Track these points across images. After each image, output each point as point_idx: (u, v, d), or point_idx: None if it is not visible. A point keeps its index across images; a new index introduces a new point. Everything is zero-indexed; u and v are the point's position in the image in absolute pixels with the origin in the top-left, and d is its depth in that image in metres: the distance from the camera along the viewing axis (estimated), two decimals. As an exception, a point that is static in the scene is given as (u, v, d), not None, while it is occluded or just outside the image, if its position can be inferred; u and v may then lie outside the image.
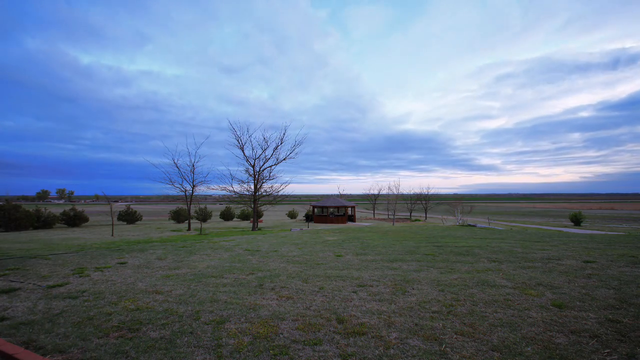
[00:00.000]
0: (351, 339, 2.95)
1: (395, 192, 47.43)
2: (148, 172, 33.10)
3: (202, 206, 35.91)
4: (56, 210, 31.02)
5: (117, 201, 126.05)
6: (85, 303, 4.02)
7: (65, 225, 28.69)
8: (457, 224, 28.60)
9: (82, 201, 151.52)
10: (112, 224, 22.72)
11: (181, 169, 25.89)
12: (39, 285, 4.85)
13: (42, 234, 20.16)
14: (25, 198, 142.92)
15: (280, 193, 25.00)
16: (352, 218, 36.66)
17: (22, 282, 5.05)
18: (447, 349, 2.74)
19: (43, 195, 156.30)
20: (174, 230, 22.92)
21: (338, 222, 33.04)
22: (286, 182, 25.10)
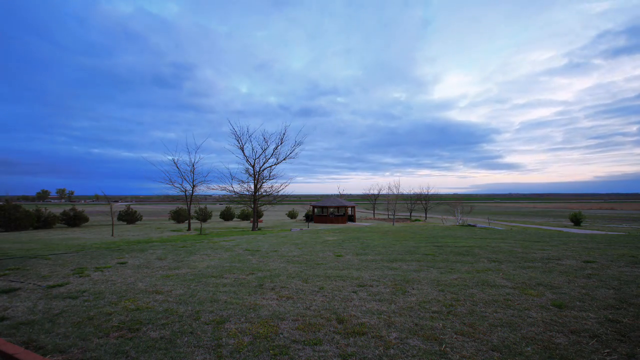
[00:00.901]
0: (351, 339, 2.95)
1: (395, 192, 47.49)
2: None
3: (202, 206, 35.92)
4: (56, 210, 31.02)
5: (117, 201, 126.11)
6: (85, 303, 4.02)
7: (65, 225, 28.69)
8: (457, 224, 28.60)
9: (82, 201, 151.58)
10: (112, 224, 22.72)
11: (181, 169, 25.91)
12: (39, 285, 4.85)
13: (42, 234, 20.16)
14: (25, 198, 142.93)
15: (280, 193, 25.02)
16: (352, 218, 36.66)
17: (22, 282, 5.05)
18: (447, 349, 2.74)
19: (43, 195, 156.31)
20: (174, 230, 22.92)
21: (338, 222, 33.04)
22: (286, 182, 25.13)
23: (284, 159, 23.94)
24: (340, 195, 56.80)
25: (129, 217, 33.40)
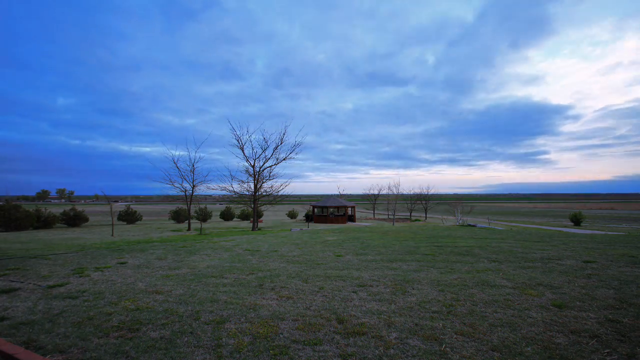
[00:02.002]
0: (351, 339, 2.95)
1: (395, 192, 47.48)
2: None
3: (202, 206, 35.92)
4: (56, 210, 31.02)
5: (117, 201, 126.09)
6: (85, 303, 4.02)
7: (65, 225, 28.69)
8: (457, 224, 28.60)
9: (82, 201, 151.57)
10: (112, 224, 22.73)
11: (181, 169, 25.90)
12: (39, 285, 4.85)
13: (42, 234, 20.16)
14: (25, 198, 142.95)
15: (280, 193, 25.01)
16: (352, 218, 36.67)
17: (22, 282, 5.05)
18: (447, 349, 2.74)
19: (43, 195, 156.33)
20: (174, 230, 22.92)
21: (338, 222, 33.04)
22: (286, 182, 25.11)
23: (284, 159, 23.94)
24: (340, 195, 56.79)
25: (129, 217, 33.39)
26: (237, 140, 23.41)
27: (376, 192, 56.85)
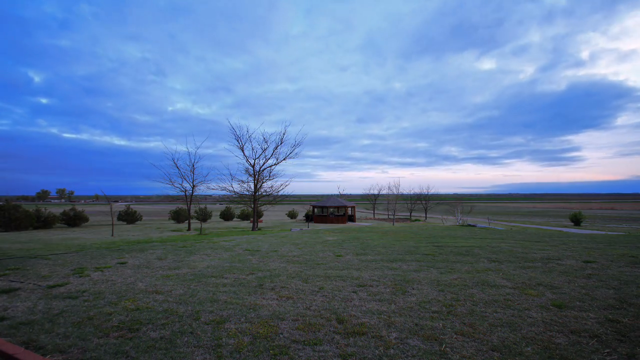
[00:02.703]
0: (351, 339, 2.95)
1: (395, 192, 47.47)
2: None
3: (202, 206, 35.91)
4: (56, 210, 31.02)
5: (117, 201, 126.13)
6: (85, 303, 4.02)
7: (65, 225, 28.68)
8: (457, 224, 28.60)
9: (82, 201, 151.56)
10: (112, 224, 22.71)
11: (181, 169, 25.89)
12: (39, 285, 4.85)
13: (42, 234, 20.16)
14: (25, 198, 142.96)
15: (280, 193, 25.01)
16: (352, 218, 36.66)
17: (22, 282, 5.05)
18: (447, 349, 2.74)
19: (43, 195, 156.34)
20: (174, 230, 22.92)
21: (338, 222, 33.03)
22: (287, 181, 25.11)
23: (284, 159, 23.94)
24: (340, 195, 56.79)
25: (128, 217, 33.38)
26: (237, 140, 23.43)
27: (376, 192, 56.89)
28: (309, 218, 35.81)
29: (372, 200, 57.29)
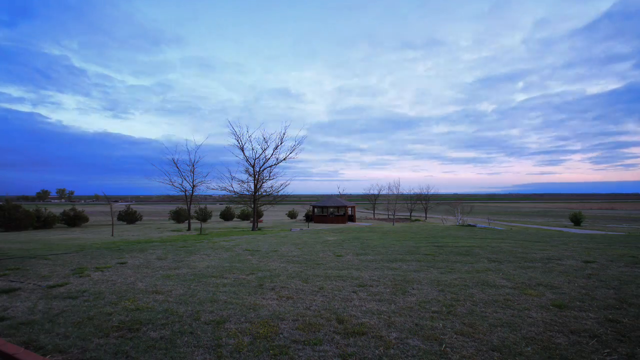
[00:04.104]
0: (351, 339, 2.95)
1: (395, 192, 47.49)
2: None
3: (202, 206, 35.93)
4: (56, 210, 31.02)
5: (117, 201, 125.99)
6: (85, 303, 4.02)
7: (65, 225, 28.69)
8: (457, 224, 28.59)
9: (82, 201, 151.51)
10: (112, 224, 22.71)
11: (181, 169, 25.89)
12: (39, 285, 4.85)
13: (42, 234, 20.16)
14: (25, 198, 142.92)
15: (280, 193, 25.02)
16: (352, 218, 36.67)
17: (22, 282, 5.05)
18: (447, 349, 2.74)
19: (43, 195, 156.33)
20: (174, 230, 22.92)
21: (338, 222, 33.03)
22: (286, 181, 25.11)
23: (284, 159, 23.94)
24: (340, 195, 56.78)
25: (129, 217, 33.41)
26: (237, 140, 23.43)
27: (376, 192, 56.89)
28: (309, 218, 35.81)
29: (372, 200, 57.29)
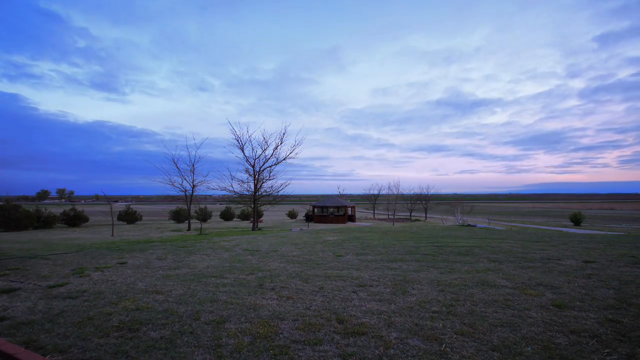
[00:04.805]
0: (351, 339, 2.95)
1: (395, 192, 47.51)
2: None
3: (202, 206, 35.92)
4: (56, 210, 31.02)
5: (117, 201, 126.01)
6: (85, 303, 4.02)
7: (65, 225, 28.68)
8: (457, 224, 28.60)
9: (82, 201, 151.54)
10: (112, 224, 22.71)
11: (181, 169, 25.89)
12: (39, 285, 4.85)
13: (42, 234, 20.17)
14: (26, 198, 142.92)
15: (280, 193, 25.02)
16: (352, 218, 36.68)
17: (22, 282, 5.05)
18: (447, 349, 2.74)
19: (43, 195, 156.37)
20: (174, 230, 22.92)
21: (338, 222, 33.04)
22: (287, 182, 25.11)
23: (284, 159, 23.94)
24: (341, 195, 56.81)
25: (129, 217, 33.38)
26: (237, 140, 23.44)
27: (376, 192, 56.91)
28: (309, 218, 35.81)
29: (372, 200, 57.30)
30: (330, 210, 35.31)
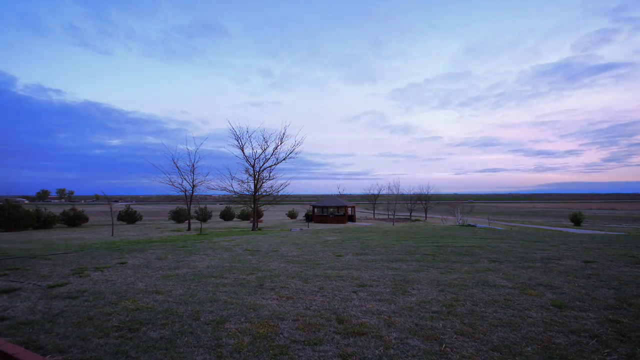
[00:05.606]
0: (351, 339, 2.95)
1: (395, 192, 47.52)
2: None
3: (202, 206, 35.92)
4: (56, 210, 31.01)
5: (117, 201, 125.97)
6: (85, 303, 4.02)
7: (65, 225, 28.68)
8: (457, 224, 28.60)
9: (82, 201, 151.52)
10: (112, 224, 22.71)
11: (181, 169, 25.88)
12: (39, 285, 4.85)
13: (42, 234, 20.17)
14: (25, 198, 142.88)
15: (280, 193, 25.02)
16: (352, 218, 36.68)
17: (22, 282, 5.05)
18: (447, 349, 2.74)
19: (43, 195, 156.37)
20: (174, 230, 22.92)
21: (338, 222, 33.04)
22: (286, 182, 25.10)
23: (284, 159, 23.95)
24: (341, 195, 56.82)
25: (129, 217, 33.38)
26: (237, 140, 23.44)
27: (376, 192, 56.90)
28: (309, 218, 35.83)
29: (372, 200, 57.30)
30: (330, 210, 35.32)
